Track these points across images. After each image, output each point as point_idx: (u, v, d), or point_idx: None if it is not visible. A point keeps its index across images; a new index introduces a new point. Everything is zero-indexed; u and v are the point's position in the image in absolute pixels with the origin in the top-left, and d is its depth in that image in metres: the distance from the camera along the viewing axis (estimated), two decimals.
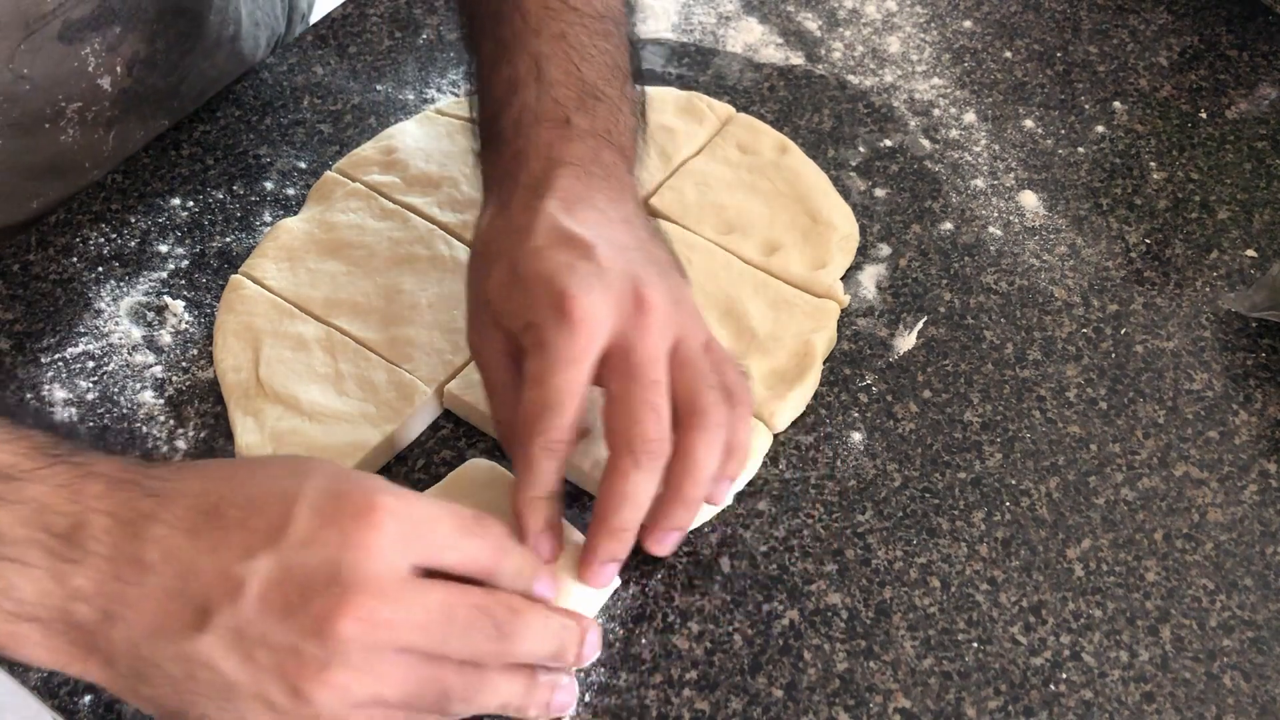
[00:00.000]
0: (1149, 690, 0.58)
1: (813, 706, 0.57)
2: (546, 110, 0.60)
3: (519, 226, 0.55)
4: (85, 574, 0.44)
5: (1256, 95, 0.86)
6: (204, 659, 0.44)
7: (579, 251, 0.53)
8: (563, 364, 0.51)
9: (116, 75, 0.74)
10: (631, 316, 0.53)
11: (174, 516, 0.45)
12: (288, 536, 0.44)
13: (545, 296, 0.52)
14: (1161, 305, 0.74)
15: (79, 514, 0.44)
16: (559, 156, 0.58)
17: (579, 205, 0.56)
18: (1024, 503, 0.64)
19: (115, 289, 0.71)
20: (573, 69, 0.61)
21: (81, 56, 0.72)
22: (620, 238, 0.56)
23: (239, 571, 0.44)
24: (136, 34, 0.74)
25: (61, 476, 0.45)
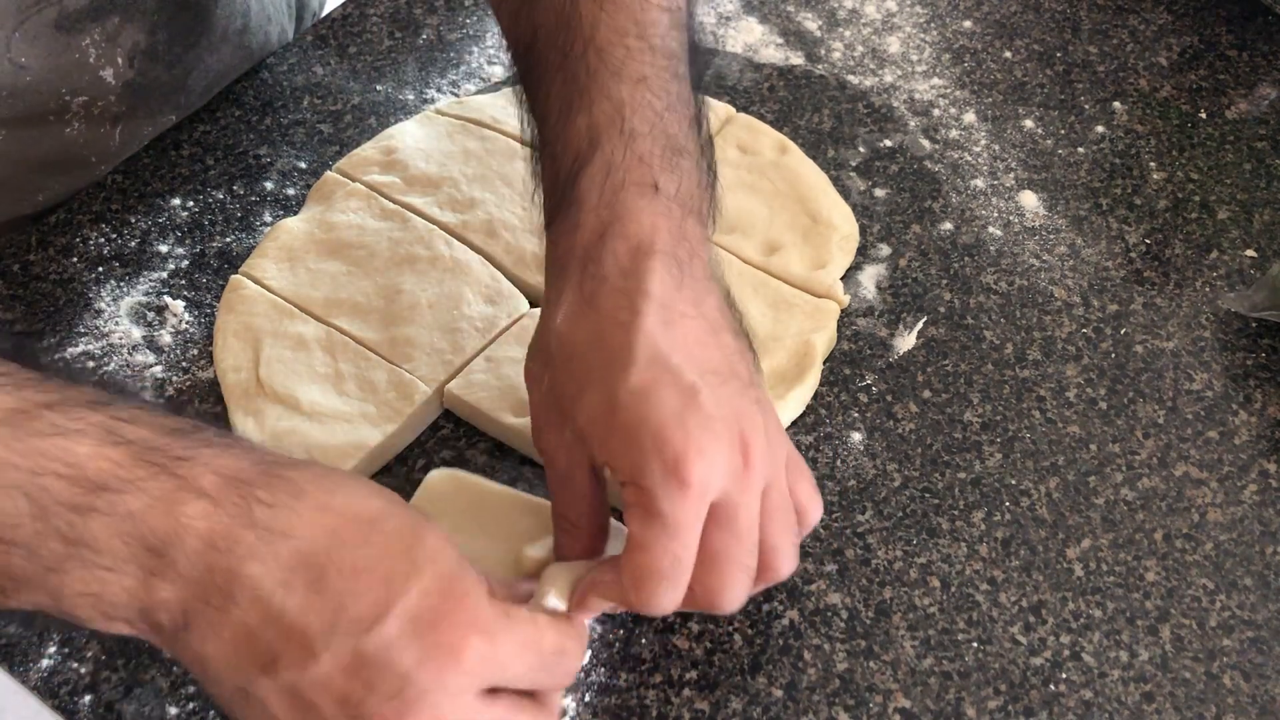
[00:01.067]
0: (1149, 690, 0.58)
1: (813, 706, 0.57)
2: (633, 172, 0.55)
3: (614, 347, 0.51)
4: (171, 590, 0.44)
5: (1256, 95, 0.86)
6: (259, 696, 0.45)
7: (685, 397, 0.50)
8: (678, 532, 0.49)
9: (118, 67, 0.74)
10: (738, 472, 0.50)
11: (273, 560, 0.44)
12: (374, 632, 0.44)
13: (656, 456, 0.49)
14: (1161, 305, 0.74)
15: (175, 533, 0.44)
16: (649, 242, 0.53)
17: (675, 319, 0.52)
18: (1024, 503, 0.64)
19: (115, 289, 0.71)
20: (657, 120, 0.56)
21: (81, 47, 0.72)
22: (715, 362, 0.52)
23: (318, 645, 0.44)
24: (136, 24, 0.74)
25: (159, 489, 0.44)
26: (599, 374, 0.51)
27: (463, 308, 0.68)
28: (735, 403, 0.51)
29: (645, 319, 0.51)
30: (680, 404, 0.49)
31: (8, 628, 0.58)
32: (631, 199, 0.54)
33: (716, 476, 0.49)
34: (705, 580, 0.51)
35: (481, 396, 0.65)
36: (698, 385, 0.50)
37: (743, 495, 0.50)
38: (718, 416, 0.50)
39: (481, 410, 0.65)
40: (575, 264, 0.54)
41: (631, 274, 0.52)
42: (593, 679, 0.57)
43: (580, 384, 0.52)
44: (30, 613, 0.47)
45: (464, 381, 0.66)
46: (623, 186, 0.54)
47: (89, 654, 0.57)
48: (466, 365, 0.67)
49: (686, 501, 0.49)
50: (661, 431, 0.49)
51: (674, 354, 0.51)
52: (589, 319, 0.53)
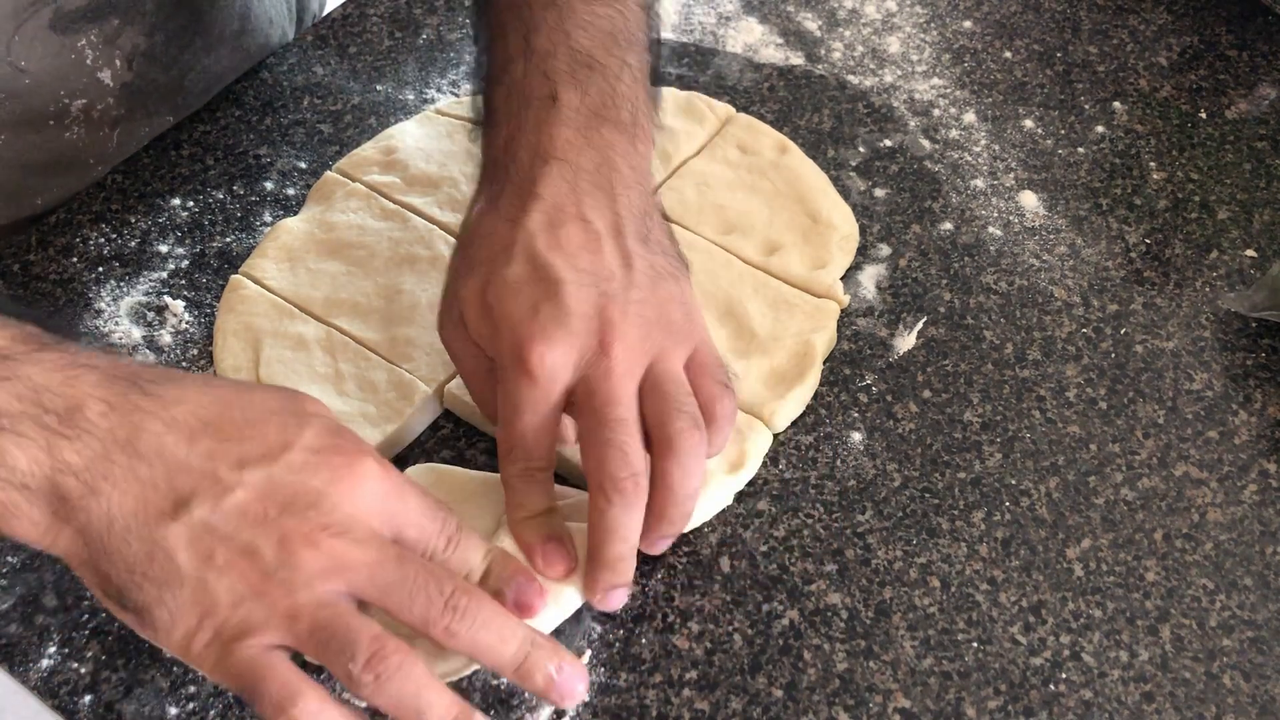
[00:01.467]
0: (1149, 690, 0.58)
1: (813, 706, 0.57)
2: (534, 86, 0.59)
3: (500, 241, 0.57)
4: (76, 449, 0.46)
5: (1256, 95, 0.86)
6: (166, 545, 0.46)
7: (546, 291, 0.54)
8: (523, 411, 0.54)
9: (116, 69, 0.74)
10: (595, 359, 0.54)
11: (171, 417, 0.48)
12: (282, 460, 0.48)
13: (508, 342, 0.54)
14: (1161, 305, 0.74)
15: (75, 396, 0.47)
16: (547, 148, 0.58)
17: (562, 222, 0.56)
18: (1024, 503, 0.64)
19: (115, 289, 0.71)
20: (562, 38, 0.60)
21: (79, 49, 0.72)
22: (598, 264, 0.56)
23: (229, 477, 0.47)
24: (135, 27, 0.74)
25: (56, 362, 0.47)
26: (483, 263, 0.57)
27: None
28: (603, 300, 0.55)
29: (530, 217, 0.56)
30: (539, 297, 0.54)
31: (8, 628, 0.58)
32: (533, 111, 0.59)
33: (561, 364, 0.54)
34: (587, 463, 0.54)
35: None
36: (563, 280, 0.55)
37: (601, 380, 0.54)
38: (576, 312, 0.54)
39: None
40: (487, 170, 0.60)
41: (528, 178, 0.58)
42: (593, 679, 0.57)
43: (468, 269, 0.57)
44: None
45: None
46: (525, 101, 0.59)
47: (89, 654, 0.57)
48: None
49: (532, 387, 0.54)
50: (517, 321, 0.54)
51: (551, 253, 0.56)
52: (488, 216, 0.58)
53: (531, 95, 0.59)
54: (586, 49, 0.60)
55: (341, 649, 0.47)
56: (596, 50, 0.61)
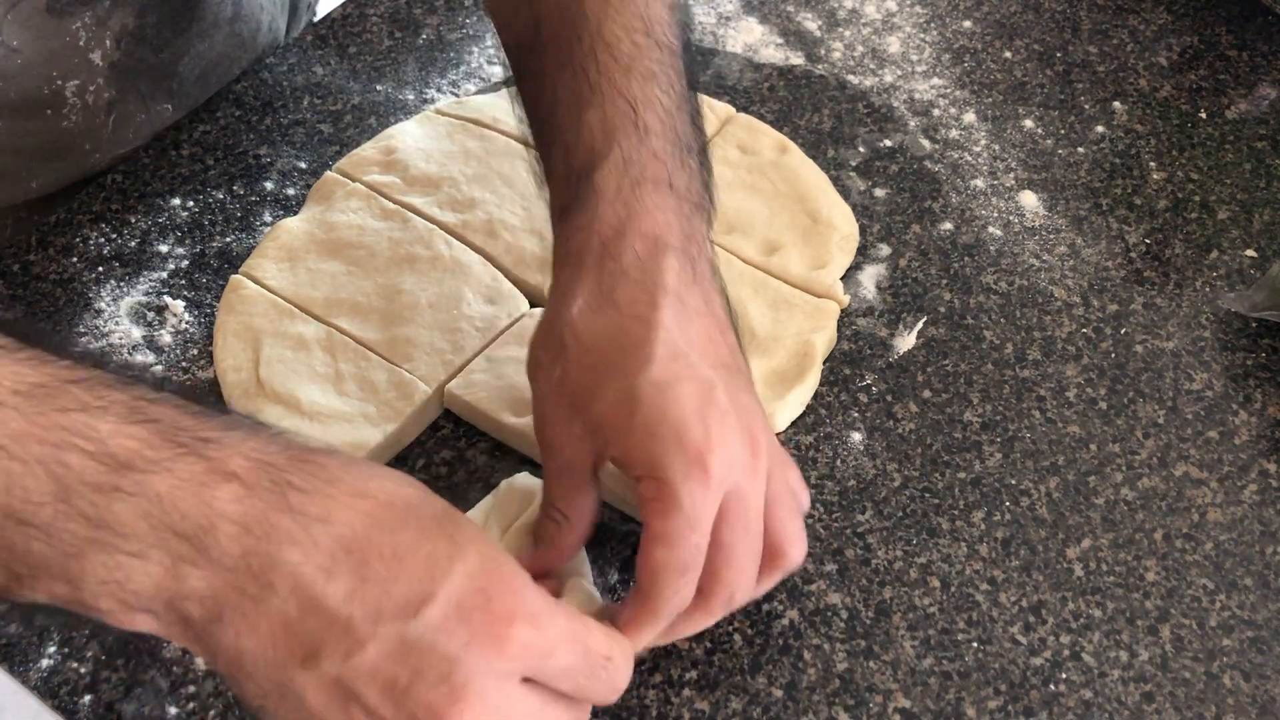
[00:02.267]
0: (1149, 690, 0.58)
1: (813, 706, 0.57)
2: (649, 167, 0.55)
3: (634, 341, 0.52)
4: (204, 578, 0.43)
5: (1256, 95, 0.86)
6: (297, 688, 0.43)
7: (704, 391, 0.51)
8: (699, 523, 0.50)
9: (106, 49, 0.74)
10: (748, 464, 0.51)
11: (313, 546, 0.43)
12: (420, 617, 0.43)
13: (678, 449, 0.49)
14: (1161, 305, 0.74)
15: (208, 517, 0.42)
16: (664, 235, 0.54)
17: (690, 315, 0.53)
18: (1024, 503, 0.64)
19: (115, 289, 0.71)
20: (666, 117, 0.57)
21: (72, 31, 0.72)
22: (724, 357, 0.54)
23: (362, 632, 0.43)
24: (126, 8, 0.74)
25: (189, 470, 0.43)
26: (618, 367, 0.51)
27: (463, 308, 0.69)
28: (742, 397, 0.53)
29: (664, 313, 0.52)
30: (700, 398, 0.50)
31: (8, 628, 0.58)
32: (648, 195, 0.55)
33: (733, 469, 0.50)
34: (721, 575, 0.51)
35: (481, 396, 0.65)
36: (714, 380, 0.51)
37: (752, 485, 0.51)
38: (731, 411, 0.51)
39: (481, 410, 0.65)
40: (592, 257, 0.54)
41: (650, 269, 0.53)
42: None
43: (598, 376, 0.52)
44: (38, 609, 0.45)
45: (464, 381, 0.66)
46: (639, 182, 0.55)
47: (89, 654, 0.57)
48: (466, 365, 0.67)
49: (707, 493, 0.49)
50: (683, 425, 0.49)
51: (690, 350, 0.52)
52: (607, 312, 0.53)
53: (644, 178, 0.55)
54: (683, 130, 0.57)
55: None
56: (688, 132, 0.58)
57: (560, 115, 0.58)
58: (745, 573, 0.52)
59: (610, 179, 0.55)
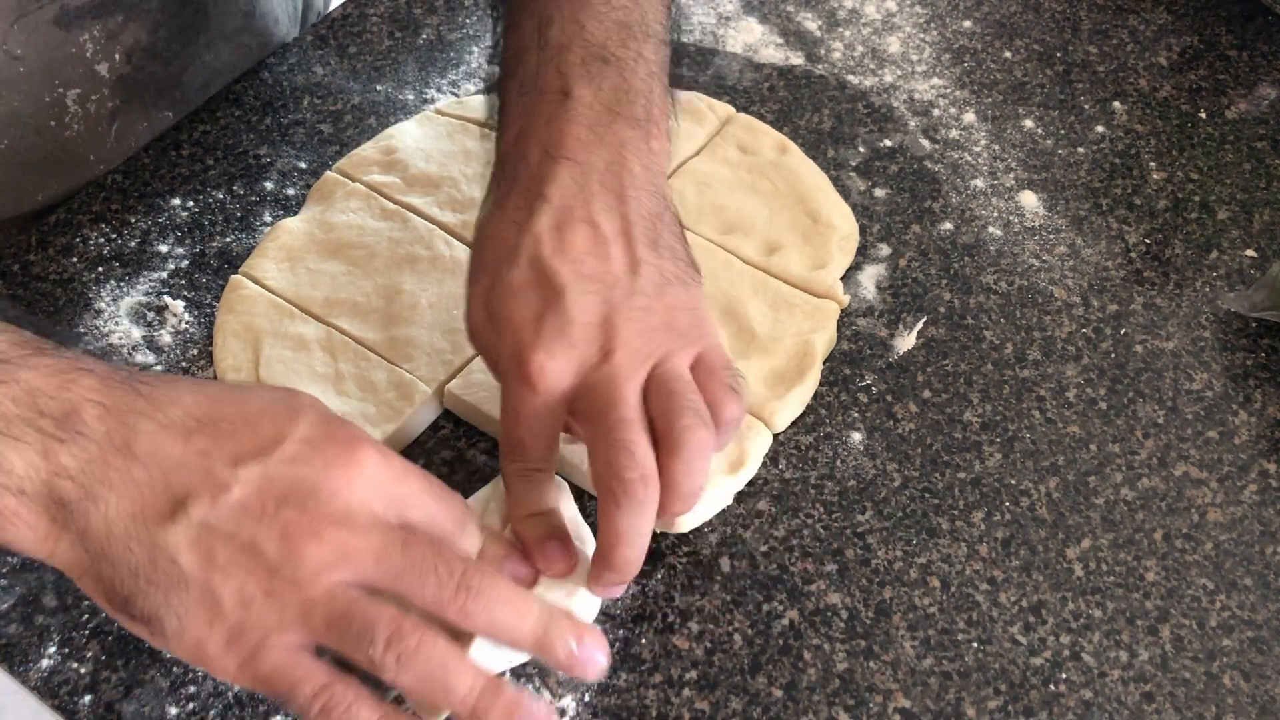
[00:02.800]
0: (1149, 690, 0.58)
1: (813, 706, 0.57)
2: (547, 80, 0.58)
3: (506, 245, 0.56)
4: (73, 453, 0.46)
5: (1256, 95, 0.86)
6: (167, 548, 0.46)
7: (549, 299, 0.54)
8: (523, 416, 0.54)
9: (115, 62, 0.74)
10: (596, 365, 0.54)
11: (167, 418, 0.47)
12: (276, 452, 0.47)
13: (509, 348, 0.54)
14: (1161, 305, 0.74)
15: (71, 400, 0.46)
16: (557, 146, 0.57)
17: (569, 225, 0.55)
18: (1024, 503, 0.64)
19: (115, 289, 0.71)
20: (576, 30, 0.59)
21: (79, 43, 0.72)
22: (603, 269, 0.55)
23: (225, 475, 0.46)
24: (139, 23, 0.74)
25: (53, 366, 0.47)
26: (489, 268, 0.56)
27: (463, 307, 0.68)
28: (607, 308, 0.54)
29: (536, 220, 0.56)
30: (543, 304, 0.54)
31: (8, 628, 0.58)
32: (545, 106, 0.58)
33: (560, 372, 0.53)
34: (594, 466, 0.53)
35: (481, 396, 0.65)
36: (566, 287, 0.54)
37: (603, 383, 0.53)
38: (578, 321, 0.54)
39: (481, 410, 0.65)
40: (498, 166, 0.59)
41: (536, 178, 0.57)
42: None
43: (477, 272, 0.57)
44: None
45: (464, 381, 0.66)
46: (538, 96, 0.58)
47: (89, 654, 0.57)
48: (466, 365, 0.67)
49: (532, 393, 0.53)
50: (519, 327, 0.54)
51: (555, 258, 0.55)
52: (496, 218, 0.57)
53: (544, 89, 0.58)
54: (600, 41, 0.59)
55: (359, 636, 0.46)
56: (611, 43, 0.59)
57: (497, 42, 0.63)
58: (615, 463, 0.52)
59: (511, 94, 0.59)
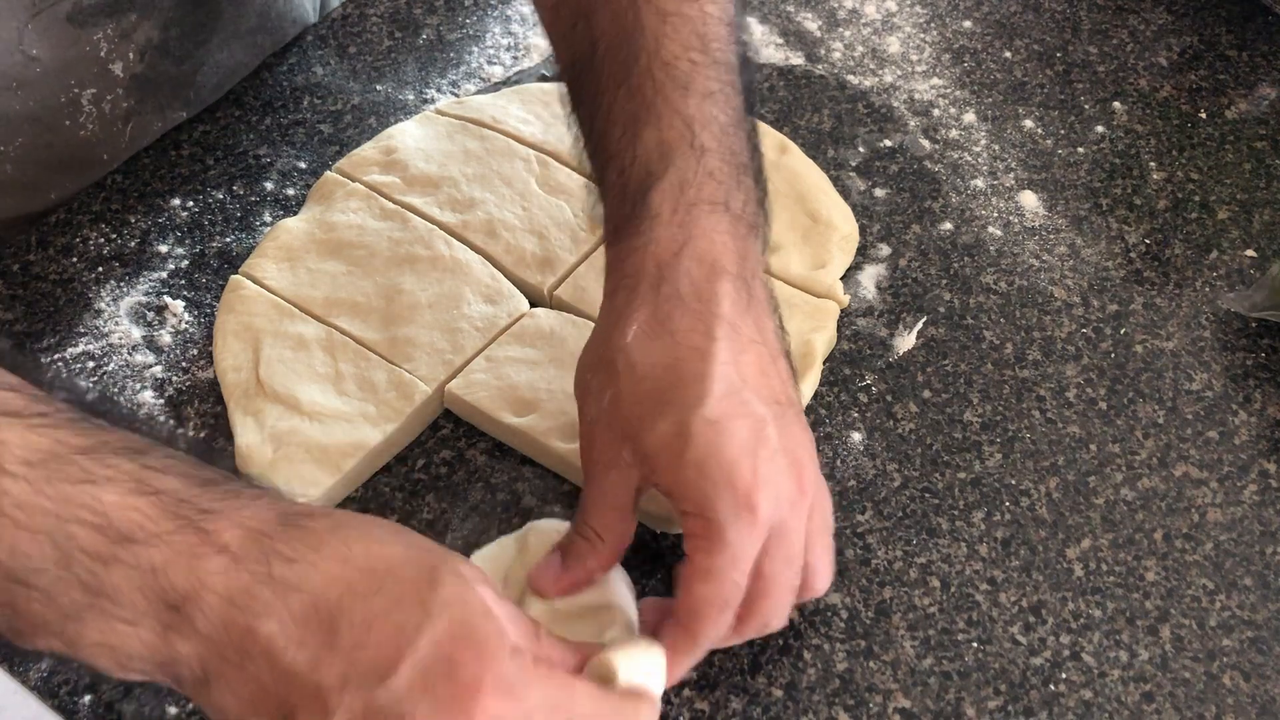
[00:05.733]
0: (1149, 690, 0.58)
1: (812, 706, 0.57)
2: (706, 190, 0.55)
3: (690, 374, 0.52)
4: (189, 644, 0.44)
5: (1256, 95, 0.86)
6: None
7: (756, 429, 0.51)
8: (742, 561, 0.50)
9: (129, 61, 0.74)
10: (795, 500, 0.52)
11: (287, 615, 0.44)
12: (386, 685, 0.43)
13: (728, 489, 0.50)
14: (1161, 305, 0.74)
15: (195, 590, 0.44)
16: (720, 260, 0.53)
17: (744, 345, 0.53)
18: (1024, 503, 0.64)
19: (115, 289, 0.71)
20: (724, 136, 0.56)
21: (93, 41, 0.72)
22: (776, 390, 0.53)
23: (330, 699, 0.43)
24: (151, 21, 0.74)
25: (183, 543, 0.44)
26: (673, 399, 0.51)
27: (463, 308, 0.69)
28: (792, 430, 0.53)
29: (719, 344, 0.52)
30: (752, 437, 0.51)
31: None
32: (704, 217, 0.54)
33: (779, 508, 0.51)
34: (759, 605, 0.52)
35: (481, 396, 0.65)
36: (766, 417, 0.51)
37: (797, 520, 0.52)
38: (781, 448, 0.51)
39: (481, 410, 0.65)
40: (647, 281, 0.54)
41: (705, 296, 0.53)
42: None
43: (650, 406, 0.52)
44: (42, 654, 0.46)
45: (464, 381, 0.66)
46: (695, 204, 0.54)
47: None
48: (466, 365, 0.67)
49: (753, 533, 0.50)
50: (734, 466, 0.50)
51: (744, 385, 0.52)
52: (662, 340, 0.52)
53: (701, 200, 0.54)
54: (739, 149, 0.56)
55: None
56: (744, 151, 0.57)
57: (615, 134, 0.57)
58: (782, 604, 0.53)
59: (666, 200, 0.54)
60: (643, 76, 0.57)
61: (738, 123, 0.57)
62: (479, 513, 0.63)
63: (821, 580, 0.55)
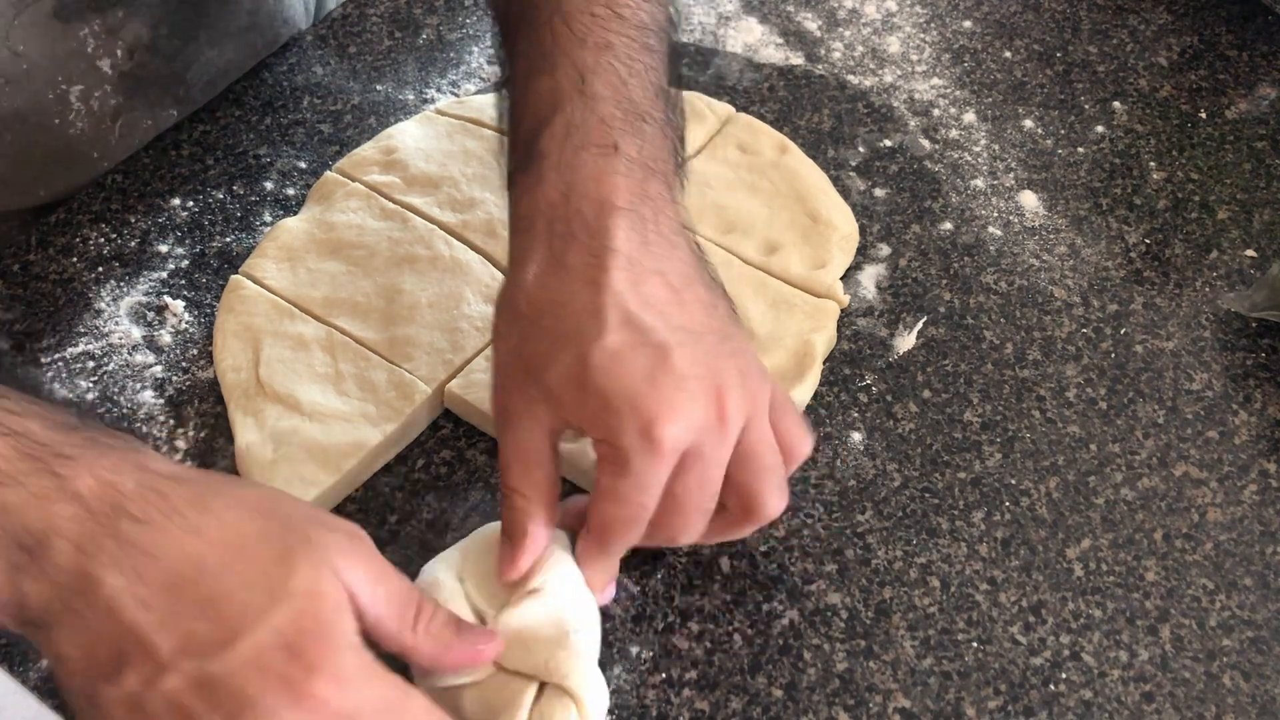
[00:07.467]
0: (1149, 690, 0.58)
1: (812, 706, 0.57)
2: (593, 132, 0.56)
3: (586, 307, 0.52)
4: (36, 585, 0.45)
5: (1256, 95, 0.86)
6: (100, 702, 0.45)
7: (657, 356, 0.51)
8: (648, 487, 0.51)
9: (116, 58, 0.74)
10: (712, 426, 0.52)
11: (136, 575, 0.45)
12: (221, 656, 0.44)
13: (630, 418, 0.50)
14: (1161, 305, 0.74)
15: (46, 532, 0.44)
16: (610, 197, 0.54)
17: (643, 275, 0.53)
18: (1024, 503, 0.64)
19: (115, 289, 0.71)
20: (620, 85, 0.57)
21: (80, 38, 0.72)
22: (685, 317, 0.53)
23: (165, 659, 0.44)
24: (139, 18, 0.74)
25: (38, 486, 0.45)
26: (571, 335, 0.52)
27: (463, 307, 0.69)
28: (708, 358, 0.52)
29: (614, 276, 0.52)
30: (652, 364, 0.51)
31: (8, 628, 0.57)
32: (593, 159, 0.55)
33: (688, 433, 0.51)
34: (666, 521, 0.53)
35: (482, 396, 0.65)
36: (669, 343, 0.51)
37: (714, 447, 0.52)
38: (690, 375, 0.51)
39: (481, 410, 0.65)
40: (542, 222, 0.55)
41: (597, 231, 0.53)
42: None
43: (551, 344, 0.52)
44: None
45: (464, 381, 0.66)
46: (584, 146, 0.55)
47: None
48: (466, 365, 0.67)
49: (658, 459, 0.51)
50: (635, 393, 0.50)
51: (644, 313, 0.52)
52: (558, 277, 0.53)
53: (590, 141, 0.55)
54: (639, 99, 0.57)
55: None
56: (646, 100, 0.58)
57: (517, 83, 0.59)
58: (690, 523, 0.53)
59: (553, 143, 0.56)
60: (543, 29, 0.59)
61: (639, 74, 0.58)
62: (479, 513, 0.63)
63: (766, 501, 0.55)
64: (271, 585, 0.45)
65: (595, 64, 0.57)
